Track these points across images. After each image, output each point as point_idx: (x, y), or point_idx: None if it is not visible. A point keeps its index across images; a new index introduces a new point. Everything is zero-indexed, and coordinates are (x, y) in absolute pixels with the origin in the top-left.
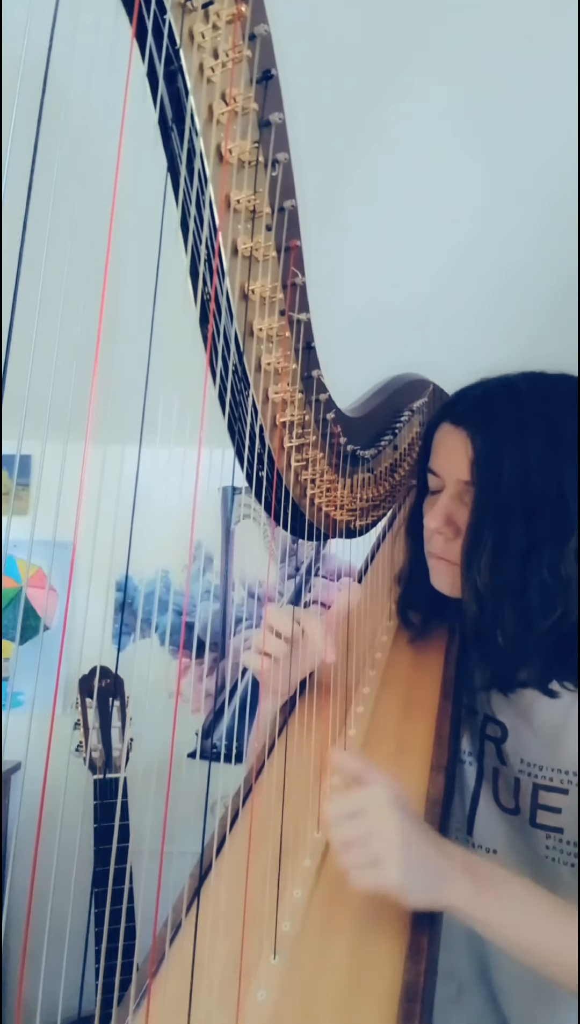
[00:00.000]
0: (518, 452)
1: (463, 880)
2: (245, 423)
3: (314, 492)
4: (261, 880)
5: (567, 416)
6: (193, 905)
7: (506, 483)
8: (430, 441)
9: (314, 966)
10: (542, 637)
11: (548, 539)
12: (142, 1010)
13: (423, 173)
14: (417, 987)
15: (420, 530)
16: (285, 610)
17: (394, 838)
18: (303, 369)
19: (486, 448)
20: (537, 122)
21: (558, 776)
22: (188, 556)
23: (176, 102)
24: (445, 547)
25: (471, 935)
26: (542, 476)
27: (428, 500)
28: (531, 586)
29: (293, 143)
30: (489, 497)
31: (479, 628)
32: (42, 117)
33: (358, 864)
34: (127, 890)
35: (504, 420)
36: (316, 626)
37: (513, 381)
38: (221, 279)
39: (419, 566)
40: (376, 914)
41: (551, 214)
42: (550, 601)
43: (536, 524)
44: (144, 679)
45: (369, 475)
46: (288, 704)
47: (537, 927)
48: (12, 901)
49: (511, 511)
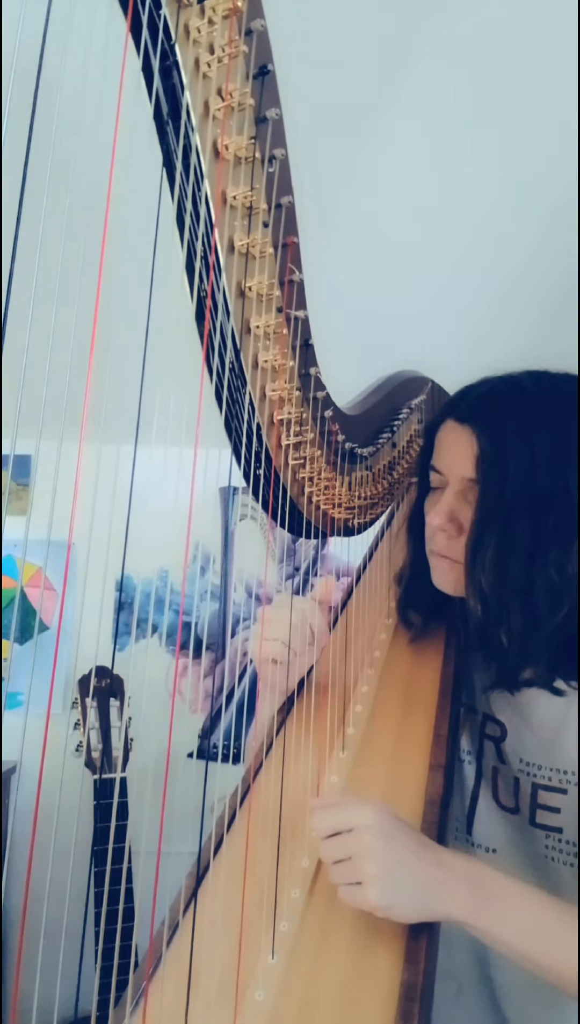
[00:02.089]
0: (524, 450)
1: (459, 891)
2: (242, 421)
3: (312, 490)
4: (259, 880)
5: (573, 415)
6: (191, 905)
7: (512, 481)
8: (432, 438)
9: (312, 966)
10: (548, 636)
11: (554, 537)
12: (139, 1011)
13: (423, 171)
14: (416, 987)
15: (421, 529)
16: (284, 603)
17: (378, 861)
18: (300, 366)
19: (492, 445)
20: (538, 121)
21: (557, 776)
22: (188, 556)
23: (172, 97)
24: (448, 545)
25: (471, 935)
26: (548, 474)
27: (430, 497)
28: (537, 585)
29: (290, 139)
30: (494, 495)
31: (484, 627)
32: (36, 112)
33: (344, 882)
34: (124, 890)
35: (510, 418)
36: (319, 617)
37: (518, 379)
38: (217, 276)
39: (420, 565)
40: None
41: (552, 213)
42: (556, 600)
43: (542, 522)
44: (144, 679)
45: (367, 473)
46: (286, 703)
47: (538, 934)
48: (11, 901)
49: (517, 509)
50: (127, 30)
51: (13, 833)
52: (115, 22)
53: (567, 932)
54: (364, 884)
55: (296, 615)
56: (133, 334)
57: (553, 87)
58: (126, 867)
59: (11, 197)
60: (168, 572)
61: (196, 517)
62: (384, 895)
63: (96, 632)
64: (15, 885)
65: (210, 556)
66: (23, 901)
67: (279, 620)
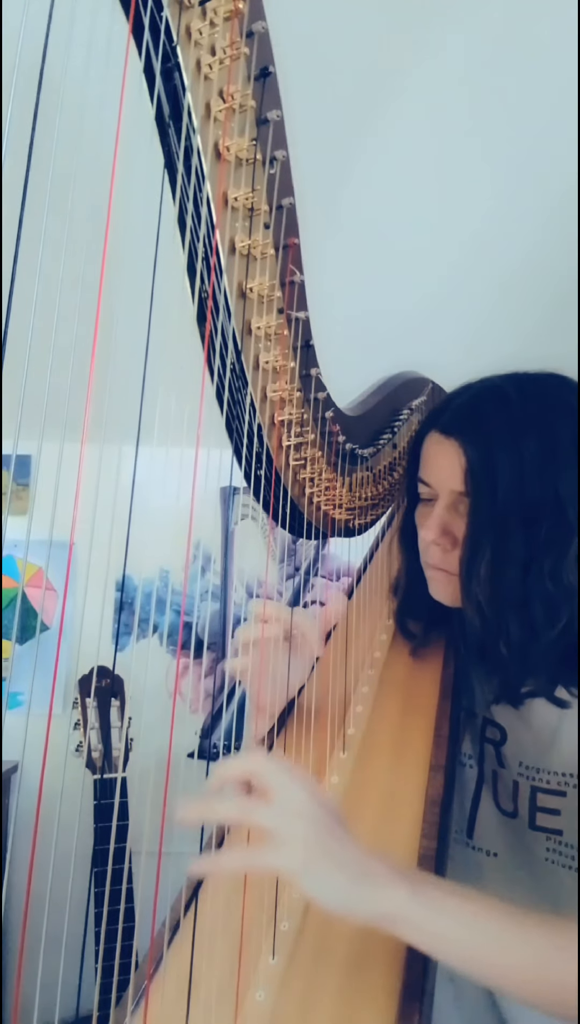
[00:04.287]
0: (513, 459)
1: (399, 886)
2: (243, 421)
3: (313, 491)
4: (260, 880)
5: (559, 418)
6: (191, 905)
7: (502, 492)
8: (418, 450)
9: (313, 967)
10: (548, 647)
11: (548, 547)
12: (140, 1011)
13: (425, 174)
14: (416, 988)
15: (413, 541)
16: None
17: (309, 822)
18: (301, 367)
19: (479, 457)
20: (540, 124)
21: (556, 779)
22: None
23: (173, 99)
24: (443, 558)
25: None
26: (538, 483)
27: (420, 510)
28: (534, 596)
29: (292, 141)
30: (485, 507)
31: (483, 640)
32: (38, 114)
33: (258, 839)
34: (124, 890)
35: (495, 427)
36: (311, 625)
37: (499, 385)
38: (219, 277)
39: (415, 576)
40: None
41: (553, 216)
42: (554, 610)
43: (535, 532)
44: (144, 679)
45: (368, 474)
46: (286, 704)
47: (486, 937)
48: (12, 903)
49: (509, 521)
50: (129, 32)
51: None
52: (117, 24)
53: (519, 935)
54: (285, 842)
55: (275, 627)
56: (135, 335)
57: (556, 88)
58: (127, 867)
59: (14, 198)
60: (168, 572)
61: (197, 517)
62: (308, 864)
63: (97, 632)
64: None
65: (210, 556)
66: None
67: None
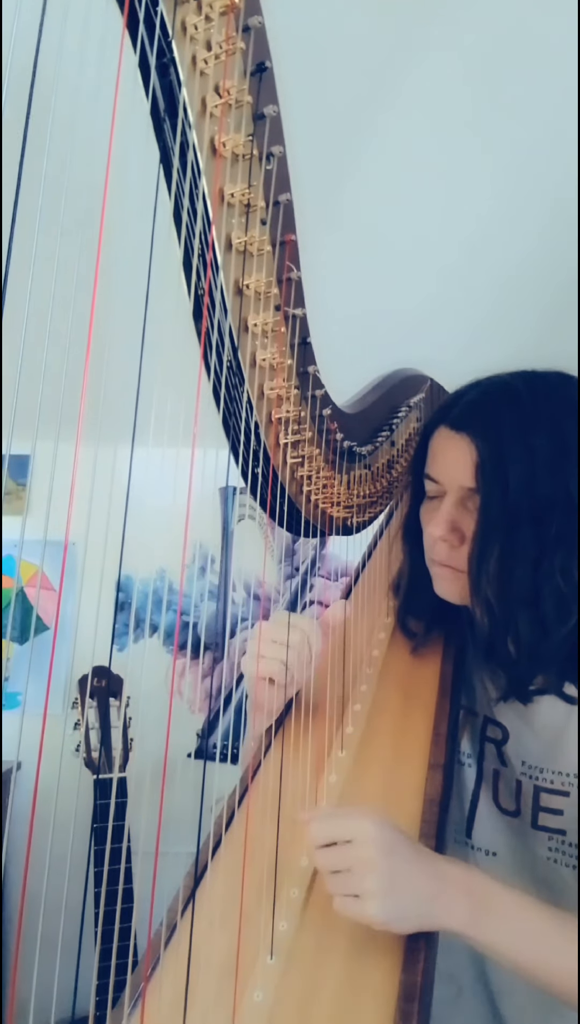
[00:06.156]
0: (524, 456)
1: (458, 904)
2: (240, 419)
3: (310, 489)
4: (257, 880)
5: (569, 415)
6: (189, 905)
7: (513, 489)
8: (425, 445)
9: (311, 966)
10: (558, 644)
11: (559, 544)
12: (138, 1011)
13: (425, 172)
14: (415, 988)
15: (417, 537)
16: (283, 621)
17: (378, 876)
18: (299, 365)
19: (491, 453)
20: (541, 123)
21: (559, 778)
22: (188, 556)
23: (168, 94)
24: (450, 555)
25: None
26: (549, 479)
27: (426, 506)
28: (544, 593)
29: (289, 137)
30: (496, 504)
31: (491, 637)
32: (31, 109)
33: (341, 893)
34: (123, 890)
35: (507, 423)
36: (315, 634)
37: (510, 383)
38: (215, 273)
39: (419, 573)
40: None
41: (554, 215)
42: (564, 607)
43: (546, 529)
44: (143, 679)
45: (366, 471)
46: (286, 704)
47: (537, 945)
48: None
49: (519, 517)
50: (124, 26)
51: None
52: (112, 18)
53: (565, 942)
54: (363, 898)
55: (296, 634)
56: (130, 332)
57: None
58: (125, 867)
59: (7, 194)
60: (167, 572)
61: (195, 517)
62: (383, 910)
63: (95, 632)
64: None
65: (209, 556)
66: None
67: (277, 639)
